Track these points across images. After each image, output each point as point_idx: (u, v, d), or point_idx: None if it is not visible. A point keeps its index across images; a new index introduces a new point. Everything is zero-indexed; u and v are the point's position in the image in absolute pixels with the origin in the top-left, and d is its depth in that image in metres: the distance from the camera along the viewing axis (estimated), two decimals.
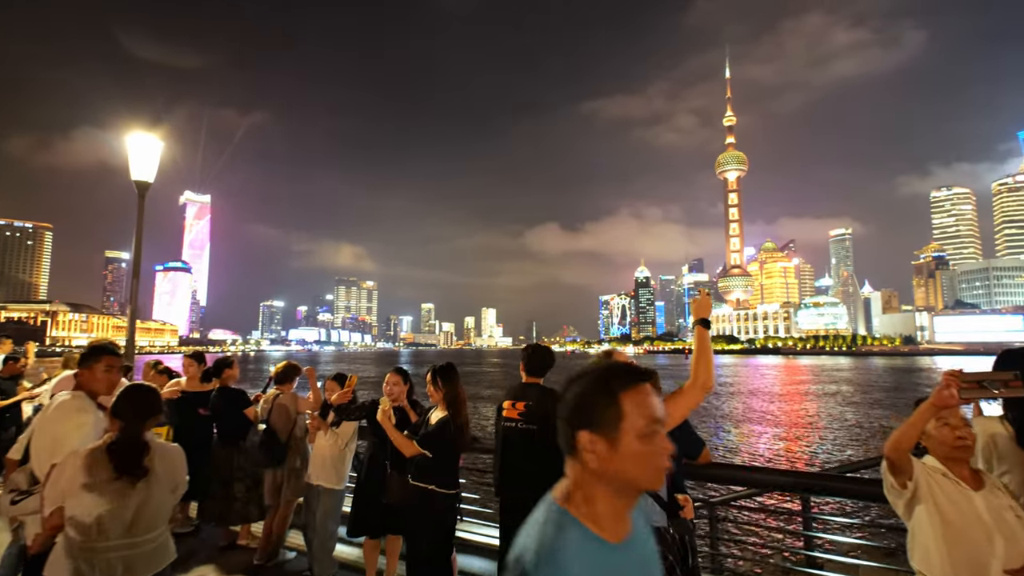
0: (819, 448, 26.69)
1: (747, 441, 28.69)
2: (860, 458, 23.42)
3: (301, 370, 6.71)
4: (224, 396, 6.61)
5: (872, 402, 48.34)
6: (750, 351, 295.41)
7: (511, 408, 4.66)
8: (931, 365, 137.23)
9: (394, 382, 5.49)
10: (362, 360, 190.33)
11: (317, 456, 5.78)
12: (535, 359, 4.90)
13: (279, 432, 6.06)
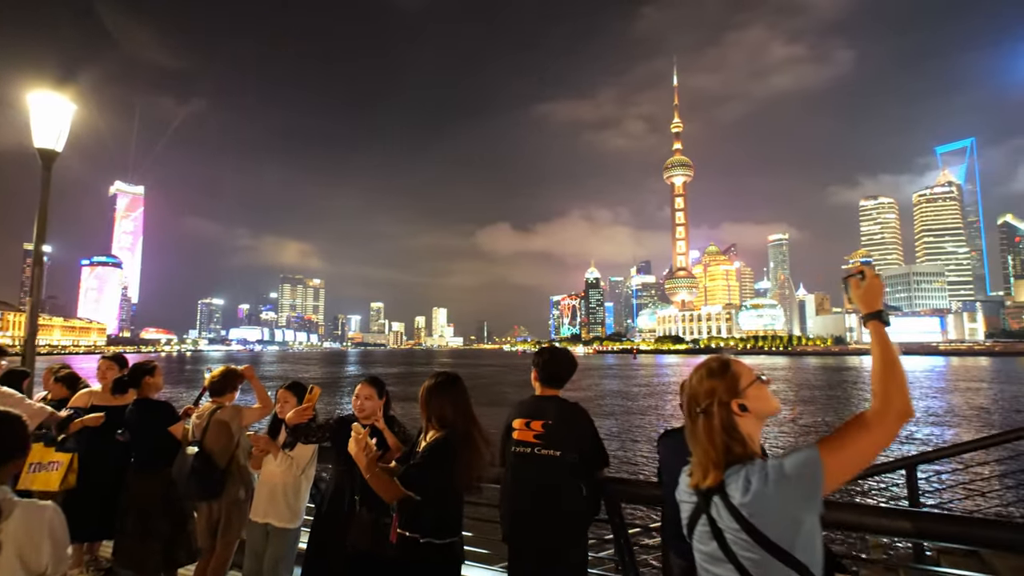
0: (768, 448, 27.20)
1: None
2: None
3: (242, 378, 5.39)
4: (143, 410, 5.15)
5: (806, 399, 50.34)
6: (695, 351, 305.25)
7: (524, 429, 3.71)
8: (858, 364, 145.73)
9: (366, 395, 4.19)
10: (308, 361, 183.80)
11: (265, 486, 4.59)
12: (552, 365, 3.89)
13: (216, 456, 4.83)
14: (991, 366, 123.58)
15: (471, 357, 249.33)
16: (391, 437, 4.07)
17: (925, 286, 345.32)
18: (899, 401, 1.85)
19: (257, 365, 79.75)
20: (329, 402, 47.22)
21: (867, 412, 1.91)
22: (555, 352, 3.96)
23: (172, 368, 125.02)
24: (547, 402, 3.77)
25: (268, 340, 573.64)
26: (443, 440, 3.24)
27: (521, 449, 3.64)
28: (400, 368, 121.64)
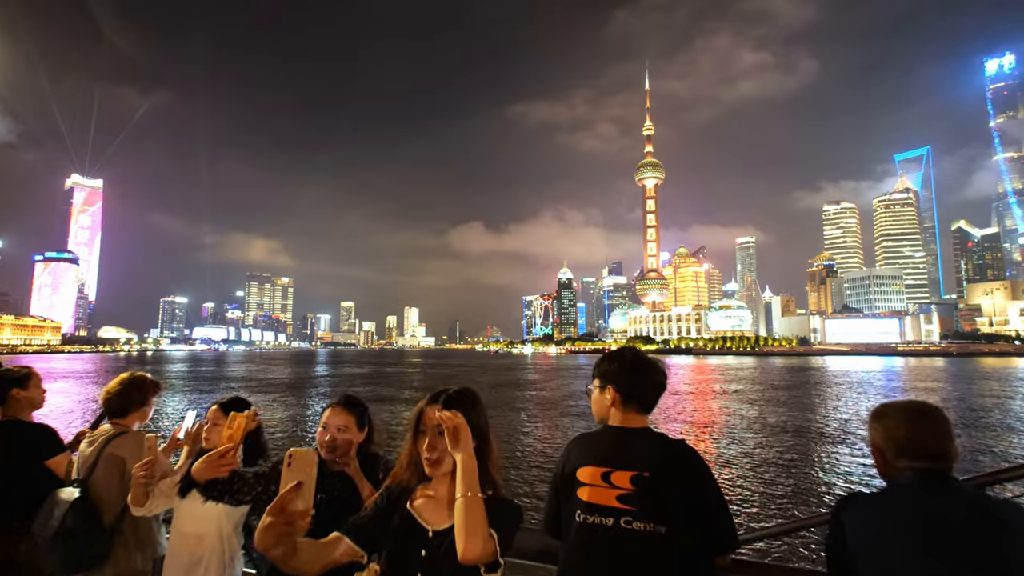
0: (730, 447, 27.21)
1: (688, 440, 28.77)
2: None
3: (157, 388, 3.91)
4: (8, 436, 3.56)
5: (771, 400, 51.10)
6: (665, 351, 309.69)
7: (602, 485, 2.21)
8: (821, 365, 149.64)
9: (340, 425, 2.91)
10: (275, 361, 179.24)
11: (181, 548, 2.96)
12: (639, 377, 2.47)
13: (103, 504, 3.25)
14: (945, 367, 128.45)
15: (441, 357, 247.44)
16: (365, 486, 2.79)
17: (884, 289, 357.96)
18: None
19: (223, 366, 77.59)
20: (291, 415, 45.78)
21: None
22: (639, 358, 2.55)
23: (132, 369, 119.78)
24: (637, 439, 2.34)
25: (234, 339, 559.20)
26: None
27: (597, 519, 2.14)
28: (370, 368, 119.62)
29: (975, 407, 44.79)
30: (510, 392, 60.96)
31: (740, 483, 20.49)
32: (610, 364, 2.55)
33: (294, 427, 34.33)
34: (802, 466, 23.15)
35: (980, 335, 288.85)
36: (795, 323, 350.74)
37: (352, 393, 3.07)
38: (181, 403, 48.31)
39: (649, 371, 2.44)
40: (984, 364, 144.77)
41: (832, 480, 20.96)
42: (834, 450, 26.75)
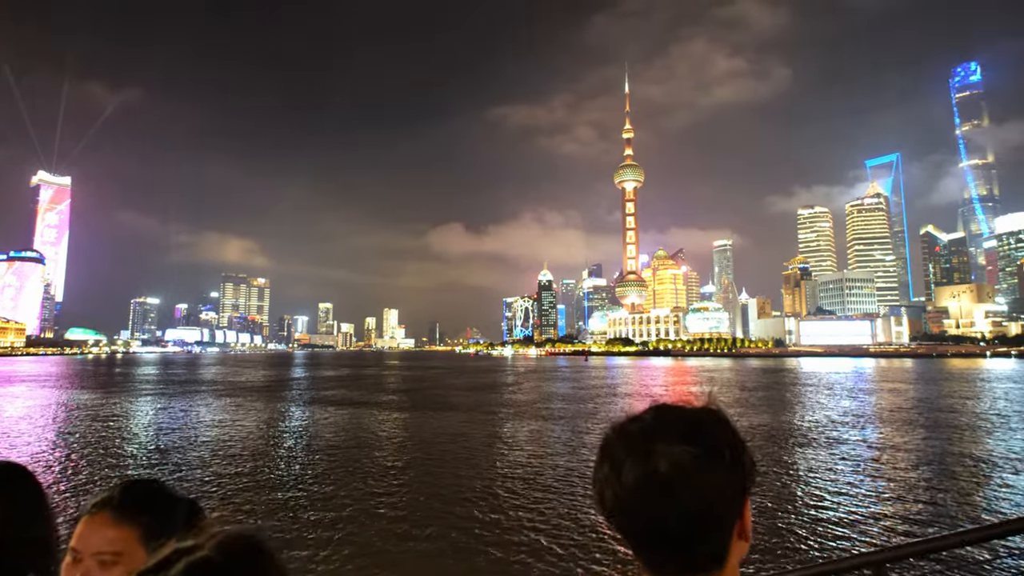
0: None
1: None
2: None
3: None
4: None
5: (746, 402, 51.36)
6: (644, 352, 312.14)
7: None
8: (796, 366, 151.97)
9: (104, 551, 1.41)
10: (249, 363, 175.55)
11: None
12: (660, 504, 1.08)
13: None
14: (914, 367, 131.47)
15: (419, 359, 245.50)
16: None
17: (857, 291, 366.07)
18: None
19: (196, 369, 75.03)
20: (258, 424, 44.41)
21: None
22: (657, 448, 1.14)
23: (99, 372, 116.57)
24: None
25: (208, 341, 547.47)
26: None
27: None
28: (347, 370, 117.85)
29: (940, 408, 45.50)
30: (485, 395, 60.30)
31: None
32: (600, 468, 1.20)
33: (260, 439, 33.16)
34: (781, 472, 22.98)
35: (947, 337, 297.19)
36: (771, 325, 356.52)
37: (147, 478, 1.60)
38: (149, 408, 46.59)
39: (683, 482, 1.08)
40: (951, 365, 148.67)
41: (805, 487, 20.78)
42: (810, 454, 26.71)
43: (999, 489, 20.11)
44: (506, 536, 15.18)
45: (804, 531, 15.40)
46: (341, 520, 16.49)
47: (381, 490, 19.95)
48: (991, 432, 32.81)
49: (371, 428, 35.21)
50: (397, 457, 25.92)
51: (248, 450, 27.57)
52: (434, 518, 16.60)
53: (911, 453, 26.55)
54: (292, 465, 24.31)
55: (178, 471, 23.03)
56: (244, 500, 18.73)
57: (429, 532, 15.43)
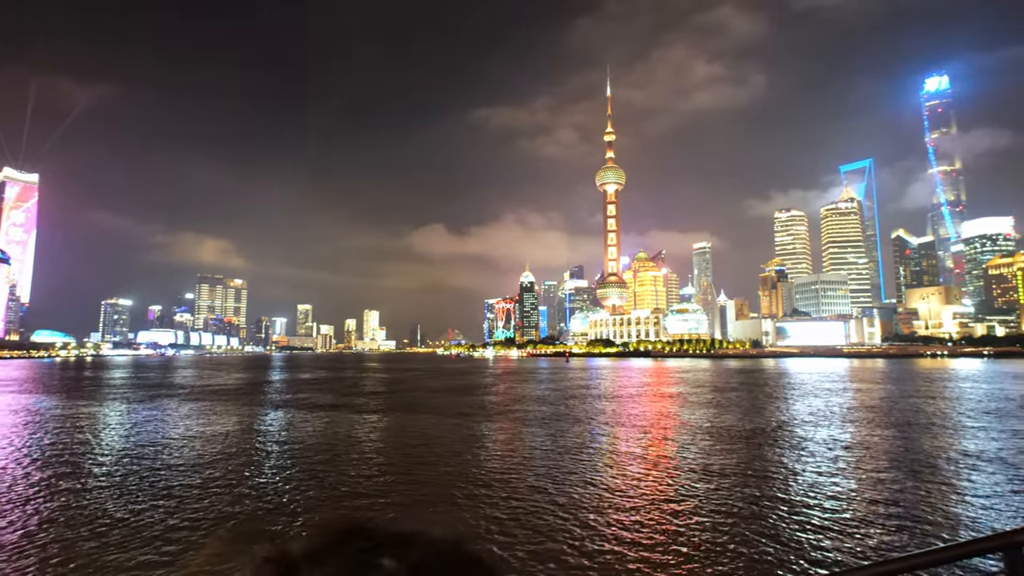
0: (688, 451, 27.00)
1: (619, 443, 28.41)
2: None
3: None
4: None
5: (722, 404, 51.79)
6: (624, 354, 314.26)
7: None
8: (772, 366, 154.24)
9: None
10: (225, 366, 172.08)
11: None
12: None
13: None
14: (885, 367, 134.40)
15: (400, 361, 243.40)
16: None
17: (831, 293, 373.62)
18: None
19: (169, 372, 73.05)
20: (228, 431, 43.31)
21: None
22: None
23: (66, 376, 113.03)
24: None
25: (182, 344, 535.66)
26: None
27: None
28: (325, 372, 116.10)
29: (908, 407, 46.39)
30: (461, 398, 59.83)
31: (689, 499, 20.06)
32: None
33: (229, 444, 32.29)
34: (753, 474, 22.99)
35: (917, 337, 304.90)
36: (748, 326, 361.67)
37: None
38: (116, 413, 45.12)
39: None
40: (920, 365, 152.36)
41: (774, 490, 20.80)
42: (778, 454, 26.84)
43: (961, 491, 20.37)
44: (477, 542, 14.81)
45: (769, 537, 15.34)
46: (307, 526, 15.97)
47: (346, 494, 19.43)
48: (953, 432, 33.45)
49: (340, 432, 34.56)
50: (365, 462, 25.38)
51: (216, 456, 26.78)
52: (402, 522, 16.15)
53: (877, 453, 26.86)
54: (260, 472, 23.62)
55: (143, 481, 22.21)
56: (211, 508, 18.06)
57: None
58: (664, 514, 17.04)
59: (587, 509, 17.64)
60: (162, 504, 18.42)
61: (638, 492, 19.68)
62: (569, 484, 20.81)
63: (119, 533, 15.52)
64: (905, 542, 14.65)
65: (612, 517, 16.82)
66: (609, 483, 21.02)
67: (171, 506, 18.23)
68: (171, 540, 15.04)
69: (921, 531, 15.45)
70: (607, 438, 31.69)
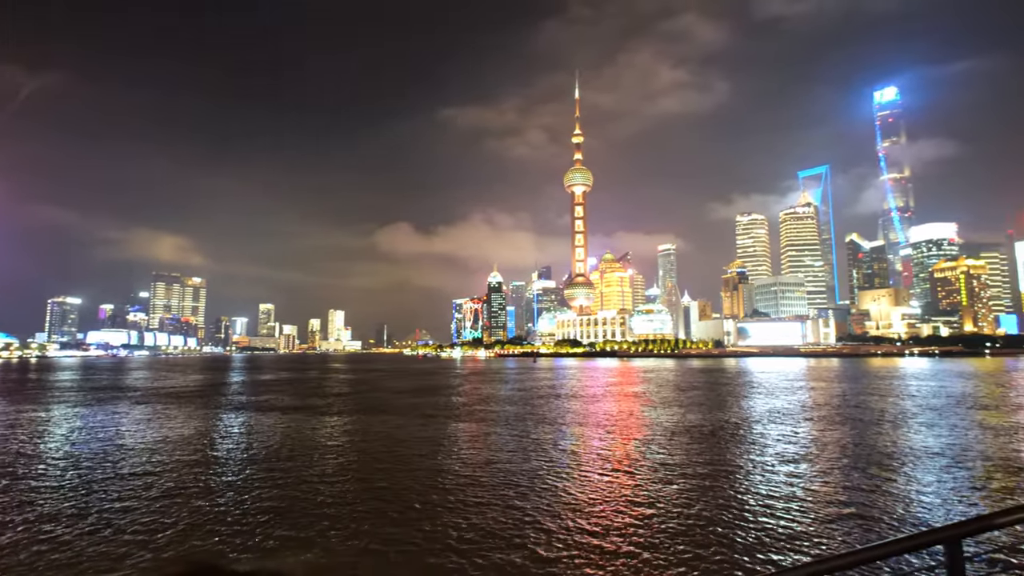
0: (648, 449, 27.23)
1: (583, 443, 28.44)
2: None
3: None
4: None
5: (685, 402, 52.73)
6: (591, 354, 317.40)
7: None
8: (734, 365, 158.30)
9: None
10: (180, 368, 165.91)
11: None
12: None
13: None
14: (839, 366, 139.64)
15: (365, 361, 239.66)
16: None
17: (789, 295, 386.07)
18: None
19: (121, 375, 69.59)
20: (172, 436, 41.71)
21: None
22: None
23: (8, 378, 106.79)
24: None
25: (136, 344, 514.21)
26: None
27: None
28: (287, 374, 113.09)
29: (859, 405, 48.16)
30: (426, 399, 59.16)
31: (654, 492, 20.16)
32: None
33: (181, 448, 30.95)
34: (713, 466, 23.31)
35: (869, 337, 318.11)
36: (711, 326, 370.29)
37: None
38: (60, 417, 42.72)
39: None
40: (872, 364, 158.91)
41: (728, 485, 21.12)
42: (734, 450, 27.35)
43: (907, 486, 21.11)
44: (440, 542, 14.51)
45: (726, 535, 15.52)
46: (270, 535, 15.33)
47: (303, 497, 18.80)
48: (900, 428, 34.81)
49: (298, 436, 33.62)
50: (324, 464, 24.69)
51: (167, 465, 25.61)
52: (363, 524, 15.70)
53: (829, 449, 27.68)
54: (213, 477, 22.67)
55: (87, 491, 20.99)
56: (161, 516, 17.17)
57: (361, 543, 14.55)
58: (626, 514, 17.08)
59: (550, 511, 17.54)
60: (98, 519, 17.45)
61: (601, 492, 19.71)
62: (533, 486, 20.68)
63: (47, 554, 14.59)
64: (856, 536, 15.05)
65: (574, 518, 16.76)
66: (572, 483, 21.00)
67: (108, 521, 17.28)
68: (104, 561, 14.22)
69: (870, 525, 15.91)
70: (572, 439, 31.73)
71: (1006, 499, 18.83)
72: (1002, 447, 27.89)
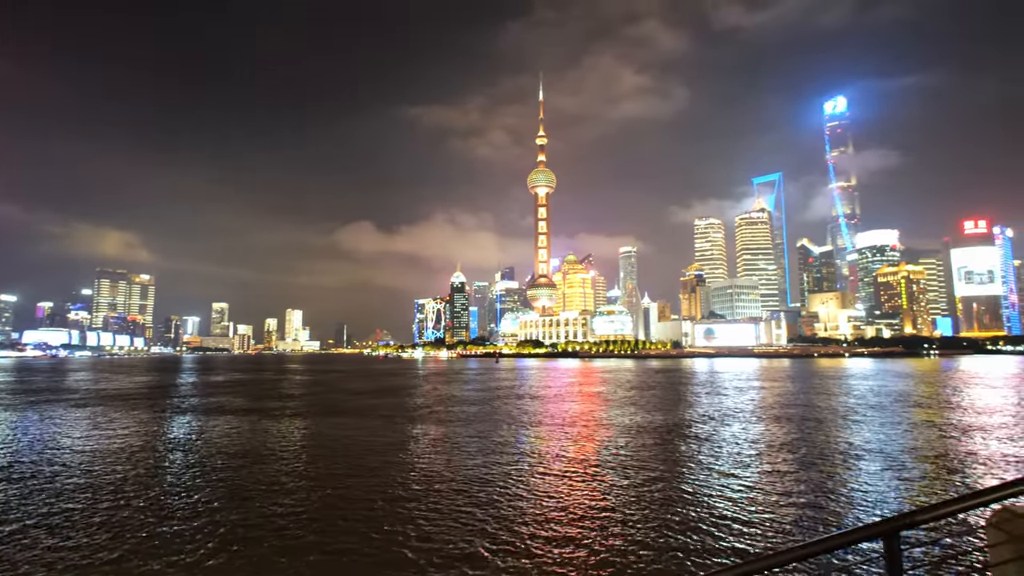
0: (605, 449, 27.42)
1: (541, 443, 28.41)
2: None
3: None
4: None
5: (629, 401, 53.60)
6: (553, 355, 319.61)
7: None
8: (689, 365, 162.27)
9: None
10: (125, 369, 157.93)
11: None
12: None
13: None
14: (790, 366, 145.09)
15: (324, 362, 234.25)
16: None
17: (744, 297, 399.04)
18: None
19: (60, 378, 65.48)
20: (104, 448, 39.67)
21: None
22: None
23: None
24: None
25: (77, 345, 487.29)
26: None
27: None
28: (240, 375, 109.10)
29: (806, 403, 50.04)
30: (389, 400, 58.18)
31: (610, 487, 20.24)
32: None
33: (118, 458, 29.33)
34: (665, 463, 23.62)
35: (818, 339, 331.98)
36: (670, 327, 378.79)
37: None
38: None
39: None
40: (820, 364, 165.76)
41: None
42: (688, 448, 27.86)
43: (848, 481, 21.94)
44: (392, 551, 14.12)
45: (674, 531, 15.70)
46: (219, 548, 14.57)
47: (248, 509, 18.03)
48: (843, 425, 36.29)
49: (248, 440, 32.40)
50: (272, 471, 23.82)
51: (103, 472, 24.19)
52: (321, 532, 15.14)
53: (777, 446, 28.56)
54: (152, 489, 21.52)
55: (8, 509, 19.55)
56: (91, 537, 16.11)
57: (315, 552, 13.99)
58: (582, 513, 17.10)
59: (506, 514, 17.39)
60: (11, 547, 16.29)
61: (558, 492, 19.69)
62: (489, 488, 20.49)
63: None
64: (799, 530, 15.50)
65: (529, 519, 16.66)
66: (529, 484, 20.92)
67: (28, 546, 16.16)
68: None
69: (816, 519, 16.42)
70: (530, 439, 31.70)
71: (939, 493, 19.81)
72: (933, 443, 29.42)
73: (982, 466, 23.83)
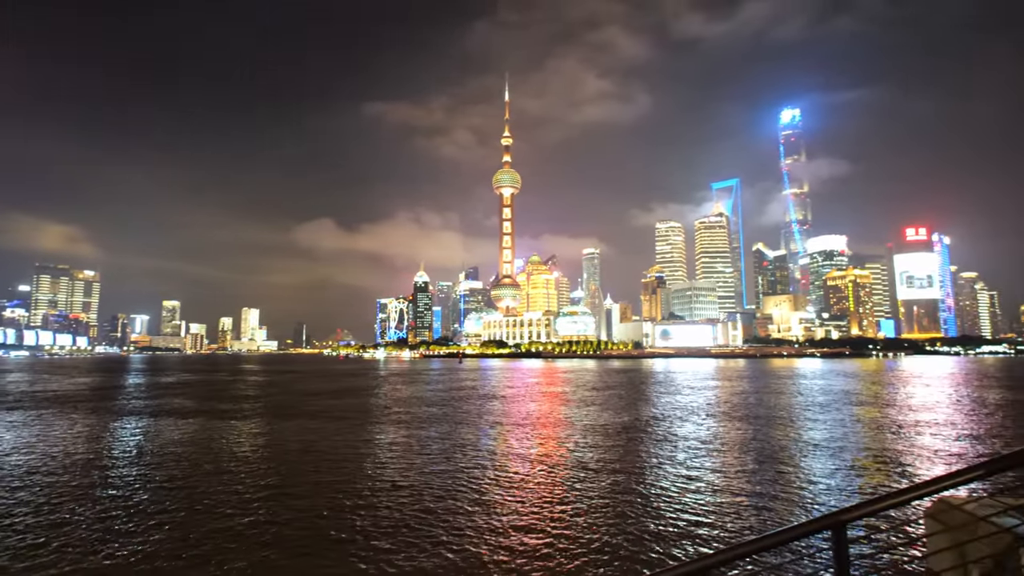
0: (564, 447, 27.51)
1: (502, 443, 28.27)
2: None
3: None
4: None
5: (588, 400, 54.27)
6: (517, 355, 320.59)
7: None
8: (651, 366, 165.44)
9: None
10: (67, 369, 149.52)
11: None
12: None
13: None
14: (745, 366, 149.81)
15: (282, 362, 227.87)
16: None
17: (702, 299, 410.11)
18: None
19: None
20: (32, 462, 37.47)
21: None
22: None
23: None
24: None
25: (13, 344, 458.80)
26: None
27: None
28: (190, 375, 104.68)
29: (758, 402, 51.66)
30: (347, 401, 56.96)
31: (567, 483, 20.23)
32: None
33: (51, 464, 27.62)
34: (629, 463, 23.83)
35: (772, 340, 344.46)
36: (631, 328, 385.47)
37: None
38: None
39: None
40: (774, 364, 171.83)
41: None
42: (647, 448, 28.25)
43: (798, 476, 22.66)
44: (345, 557, 13.67)
45: (631, 528, 15.82)
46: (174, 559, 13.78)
47: (188, 520, 17.21)
48: (793, 422, 37.58)
49: (196, 443, 31.07)
50: (223, 477, 22.87)
51: (35, 480, 22.71)
52: (270, 539, 14.53)
53: (730, 444, 29.30)
54: (89, 498, 20.30)
55: None
56: (15, 561, 15.01)
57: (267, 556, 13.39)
58: (540, 511, 17.03)
59: (465, 513, 17.16)
60: None
61: (517, 491, 19.59)
62: (448, 488, 20.22)
63: None
64: (753, 523, 15.86)
65: (488, 518, 16.48)
66: (489, 483, 20.74)
67: None
68: None
69: (765, 513, 16.84)
70: (491, 439, 31.54)
71: (883, 486, 20.68)
72: (877, 438, 30.79)
73: (919, 460, 25.08)
